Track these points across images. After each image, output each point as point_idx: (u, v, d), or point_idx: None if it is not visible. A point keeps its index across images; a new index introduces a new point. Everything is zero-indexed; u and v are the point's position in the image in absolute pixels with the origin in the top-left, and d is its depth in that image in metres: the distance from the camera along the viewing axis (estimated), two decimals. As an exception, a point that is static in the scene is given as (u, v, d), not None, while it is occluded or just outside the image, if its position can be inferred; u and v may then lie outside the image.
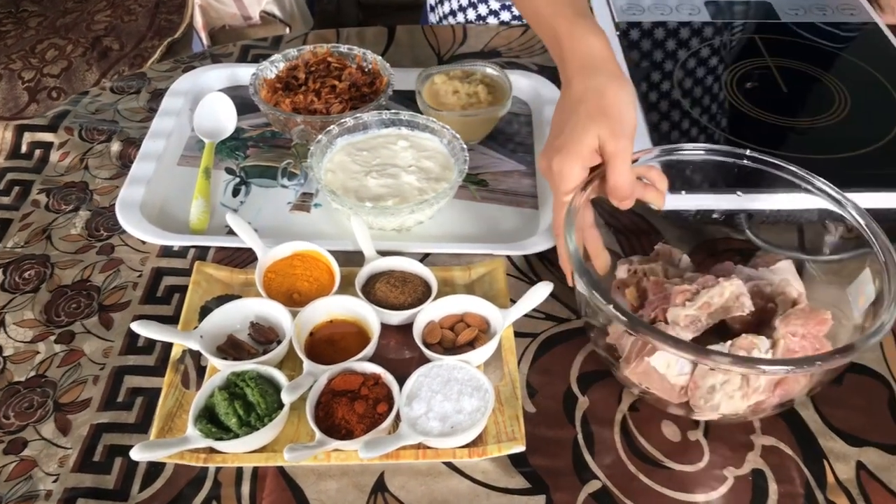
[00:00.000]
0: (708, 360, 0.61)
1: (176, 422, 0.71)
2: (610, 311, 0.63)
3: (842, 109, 0.97)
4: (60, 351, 0.78)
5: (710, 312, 0.68)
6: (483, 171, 0.98)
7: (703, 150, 0.80)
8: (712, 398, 0.66)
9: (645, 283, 0.74)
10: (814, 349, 0.67)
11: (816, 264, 0.78)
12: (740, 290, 0.69)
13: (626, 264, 0.78)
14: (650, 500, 0.67)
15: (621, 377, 0.72)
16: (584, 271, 0.66)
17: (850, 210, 0.73)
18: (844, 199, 0.73)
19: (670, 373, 0.67)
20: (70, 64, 1.85)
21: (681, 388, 0.67)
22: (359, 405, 0.69)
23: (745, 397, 0.65)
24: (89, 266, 0.86)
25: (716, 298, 0.68)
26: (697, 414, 0.69)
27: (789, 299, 0.72)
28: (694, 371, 0.66)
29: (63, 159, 1.00)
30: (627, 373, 0.69)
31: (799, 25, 1.14)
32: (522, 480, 0.68)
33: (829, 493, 0.67)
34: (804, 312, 0.69)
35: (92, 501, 0.67)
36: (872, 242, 0.70)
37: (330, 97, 0.99)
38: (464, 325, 0.77)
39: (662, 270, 0.77)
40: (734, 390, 0.65)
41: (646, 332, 0.62)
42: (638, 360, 0.67)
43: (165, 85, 1.10)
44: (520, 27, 1.23)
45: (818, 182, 0.75)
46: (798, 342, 0.67)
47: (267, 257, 0.82)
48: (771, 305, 0.72)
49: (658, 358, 0.66)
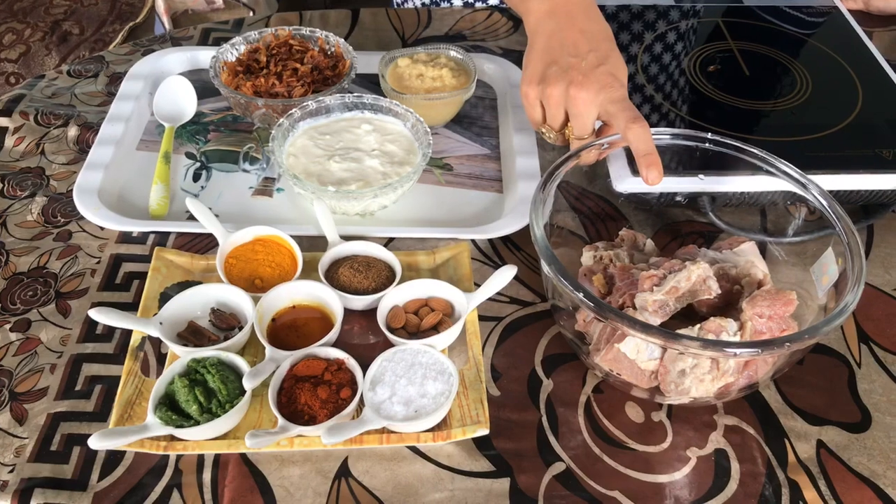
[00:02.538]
0: (678, 345, 0.61)
1: (136, 410, 0.70)
2: (579, 298, 0.63)
3: (804, 93, 0.98)
4: (16, 339, 0.77)
5: (677, 297, 0.69)
6: (447, 155, 0.98)
7: (667, 134, 0.80)
8: (682, 382, 0.66)
9: (612, 270, 0.74)
10: (780, 330, 0.67)
11: (779, 246, 0.79)
12: (707, 273, 0.69)
13: (592, 251, 0.78)
14: (614, 482, 0.67)
15: (590, 363, 0.72)
16: (552, 259, 0.66)
17: (812, 192, 0.73)
18: (807, 182, 0.74)
19: (640, 358, 0.67)
20: (28, 49, 1.81)
21: (651, 373, 0.68)
22: (322, 390, 0.69)
23: (714, 380, 0.66)
24: (46, 253, 0.85)
25: (683, 282, 0.69)
26: (667, 398, 0.70)
27: (755, 281, 0.72)
28: (663, 356, 0.67)
29: (18, 144, 0.98)
30: (598, 360, 0.69)
31: (762, 9, 1.15)
32: (487, 463, 0.68)
33: (790, 472, 0.68)
34: (770, 294, 0.69)
35: (49, 491, 0.65)
36: (836, 224, 0.70)
37: (292, 80, 0.97)
38: (428, 309, 0.77)
39: (628, 256, 0.77)
40: (704, 374, 0.66)
41: (616, 319, 0.62)
42: (608, 346, 0.68)
43: (124, 68, 1.08)
44: (484, 10, 1.22)
45: (781, 164, 0.76)
46: (765, 323, 0.67)
47: (228, 243, 0.81)
48: (737, 288, 0.73)
49: (627, 344, 0.66)
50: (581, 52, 0.79)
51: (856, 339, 0.79)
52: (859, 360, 0.77)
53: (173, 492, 0.66)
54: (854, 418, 0.72)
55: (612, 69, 0.78)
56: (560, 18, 0.82)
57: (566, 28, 0.81)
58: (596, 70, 0.77)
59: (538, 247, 0.67)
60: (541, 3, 0.84)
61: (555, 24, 0.82)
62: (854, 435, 0.71)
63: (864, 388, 0.75)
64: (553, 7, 0.83)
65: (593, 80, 0.77)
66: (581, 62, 0.78)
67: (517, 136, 0.97)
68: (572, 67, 0.78)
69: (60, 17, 1.90)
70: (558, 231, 0.78)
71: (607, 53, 0.79)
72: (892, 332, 0.79)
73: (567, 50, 0.80)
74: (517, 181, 0.91)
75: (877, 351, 0.78)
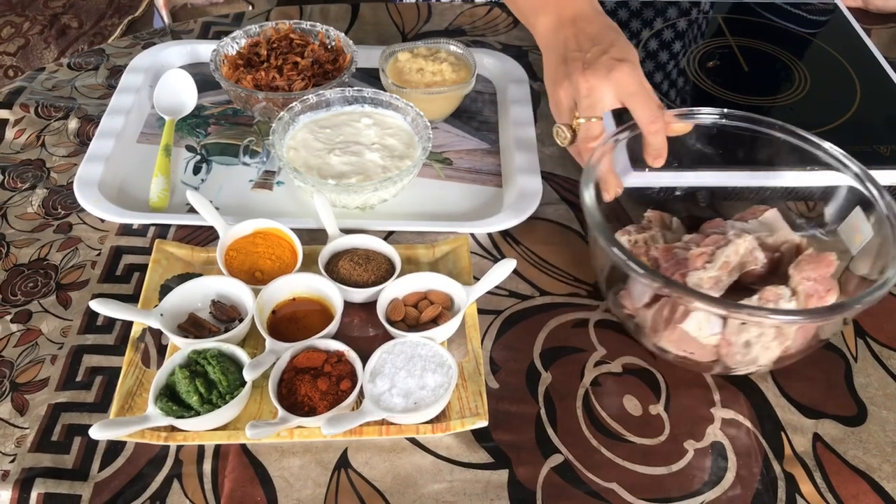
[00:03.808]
0: (770, 318, 0.62)
1: (136, 400, 0.70)
2: (653, 278, 0.64)
3: (802, 89, 0.99)
4: (17, 330, 0.77)
5: (729, 271, 0.70)
6: (447, 149, 0.98)
7: (715, 114, 0.81)
8: (749, 352, 0.67)
9: (654, 252, 0.75)
10: (826, 290, 0.69)
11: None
12: (753, 244, 0.71)
13: (625, 235, 0.78)
14: (612, 474, 0.68)
15: (651, 345, 0.73)
16: (614, 241, 0.67)
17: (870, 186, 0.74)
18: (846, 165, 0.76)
19: (702, 335, 0.68)
20: (27, 42, 1.81)
21: (713, 347, 0.69)
22: (322, 382, 0.69)
23: (779, 346, 0.67)
24: (46, 244, 0.85)
25: (732, 256, 0.70)
26: (734, 370, 0.71)
27: (793, 246, 0.74)
28: (724, 330, 0.67)
29: (19, 136, 0.98)
30: (661, 342, 0.70)
31: (762, 6, 1.15)
32: (486, 455, 0.68)
33: (786, 465, 0.69)
34: (813, 257, 0.71)
35: (50, 481, 0.66)
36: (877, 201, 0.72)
37: (292, 74, 0.98)
38: (427, 302, 0.77)
39: (661, 236, 0.78)
40: (769, 341, 0.67)
41: (705, 301, 0.63)
42: (670, 328, 0.68)
43: (124, 61, 1.08)
44: (484, 5, 1.23)
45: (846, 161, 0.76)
46: (812, 286, 0.69)
47: (228, 235, 0.81)
48: (777, 255, 0.74)
49: (690, 322, 0.67)
50: (584, 47, 0.80)
51: (852, 334, 0.79)
52: (856, 354, 0.77)
53: (174, 482, 0.66)
54: (850, 412, 0.73)
55: (616, 54, 0.78)
56: (566, 29, 0.84)
57: (571, 36, 0.83)
58: (600, 58, 0.78)
59: (597, 230, 0.68)
60: (547, 18, 0.86)
61: (562, 35, 0.84)
62: (850, 428, 0.72)
63: (860, 381, 0.75)
64: (558, 21, 0.85)
65: (600, 66, 0.78)
66: (585, 55, 0.79)
67: (516, 131, 0.97)
68: (576, 59, 0.80)
69: (59, 10, 1.90)
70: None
71: (612, 42, 0.80)
72: (888, 328, 0.80)
73: (571, 49, 0.81)
74: (516, 176, 0.91)
75: (873, 346, 0.78)
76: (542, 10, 0.87)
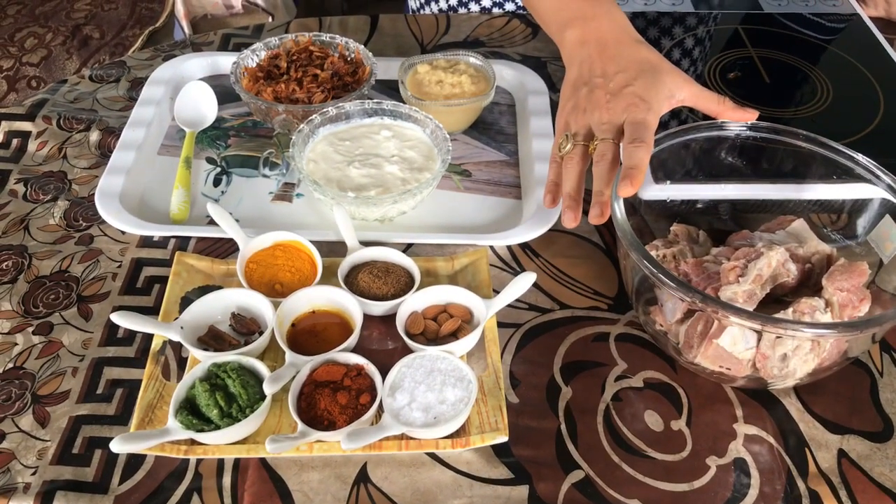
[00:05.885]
0: (804, 331, 0.62)
1: (156, 413, 0.70)
2: (688, 293, 0.63)
3: (824, 100, 0.98)
4: (39, 342, 0.77)
5: (762, 284, 0.69)
6: (466, 161, 0.98)
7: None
8: (786, 365, 0.67)
9: (684, 267, 0.74)
10: (859, 300, 0.69)
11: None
12: (784, 256, 0.70)
13: (653, 250, 0.77)
14: (633, 490, 0.67)
15: (684, 362, 0.73)
16: (648, 256, 0.67)
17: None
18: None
19: (737, 349, 0.67)
20: (50, 52, 1.83)
21: (748, 361, 0.68)
22: (341, 396, 0.69)
23: (817, 358, 0.67)
24: (68, 256, 0.85)
25: (765, 269, 0.69)
26: (771, 384, 0.70)
27: (824, 256, 0.73)
28: (759, 343, 0.67)
29: (41, 148, 0.99)
30: (696, 358, 0.70)
31: (783, 16, 1.14)
32: (506, 471, 0.68)
33: (811, 482, 0.68)
34: (845, 267, 0.70)
35: (71, 494, 0.66)
36: None
37: (312, 86, 0.98)
38: (447, 315, 0.77)
39: (689, 250, 0.77)
40: (806, 354, 0.66)
41: (747, 318, 0.63)
42: (706, 343, 0.68)
43: (145, 73, 1.09)
44: (503, 16, 1.22)
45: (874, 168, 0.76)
46: (846, 296, 0.69)
47: (248, 247, 0.82)
48: (808, 266, 0.73)
49: (725, 338, 0.67)
50: (609, 73, 0.79)
51: (878, 349, 0.78)
52: (881, 369, 0.76)
53: (193, 496, 0.66)
54: (876, 427, 0.72)
55: (639, 90, 0.77)
56: (591, 47, 0.83)
57: (597, 56, 0.82)
58: (623, 91, 0.77)
59: (630, 246, 0.68)
60: (573, 32, 0.86)
61: (587, 52, 0.83)
62: (876, 444, 0.71)
63: (886, 397, 0.74)
64: (584, 36, 0.84)
65: (619, 100, 0.77)
66: (608, 83, 0.78)
67: (536, 143, 0.97)
68: (598, 87, 0.79)
69: (81, 21, 1.92)
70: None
71: (636, 75, 0.79)
72: (914, 342, 0.79)
73: (595, 73, 0.80)
74: (536, 187, 0.91)
75: (898, 360, 0.77)
76: (569, 24, 0.87)
